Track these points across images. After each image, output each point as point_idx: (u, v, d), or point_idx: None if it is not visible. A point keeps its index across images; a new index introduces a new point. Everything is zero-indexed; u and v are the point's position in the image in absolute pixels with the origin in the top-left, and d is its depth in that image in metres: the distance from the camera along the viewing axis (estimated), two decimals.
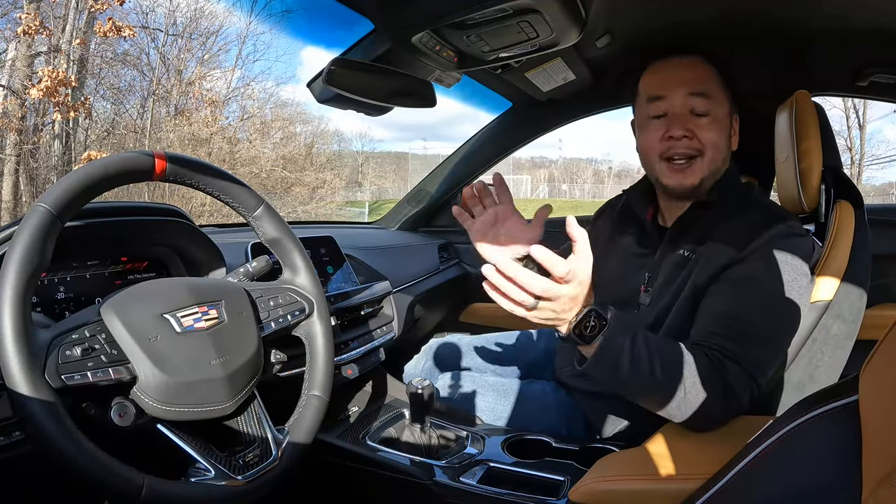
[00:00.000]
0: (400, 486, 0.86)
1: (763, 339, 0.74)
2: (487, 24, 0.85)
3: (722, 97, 0.86)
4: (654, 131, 0.86)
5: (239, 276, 0.77)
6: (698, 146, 0.84)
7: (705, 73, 0.86)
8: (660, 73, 0.89)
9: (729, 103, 0.87)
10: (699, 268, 0.80)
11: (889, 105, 9.67)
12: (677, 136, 0.84)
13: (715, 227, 0.82)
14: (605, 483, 0.70)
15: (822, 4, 0.90)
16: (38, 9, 7.63)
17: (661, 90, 0.86)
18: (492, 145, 1.67)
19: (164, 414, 0.57)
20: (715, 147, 0.84)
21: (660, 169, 0.87)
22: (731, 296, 0.76)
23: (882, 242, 1.28)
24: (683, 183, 0.85)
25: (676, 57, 0.88)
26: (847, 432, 0.47)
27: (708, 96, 0.84)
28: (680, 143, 0.84)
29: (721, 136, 0.85)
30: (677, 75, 0.86)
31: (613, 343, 0.67)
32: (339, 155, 15.44)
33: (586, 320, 0.66)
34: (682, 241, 0.86)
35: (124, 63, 9.54)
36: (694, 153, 0.84)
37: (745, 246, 0.77)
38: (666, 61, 0.89)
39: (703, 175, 0.84)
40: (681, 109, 0.85)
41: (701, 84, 0.84)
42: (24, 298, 0.50)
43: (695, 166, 0.84)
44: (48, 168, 8.43)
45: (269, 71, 17.72)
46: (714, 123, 0.84)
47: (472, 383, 1.07)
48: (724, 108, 0.86)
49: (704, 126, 0.84)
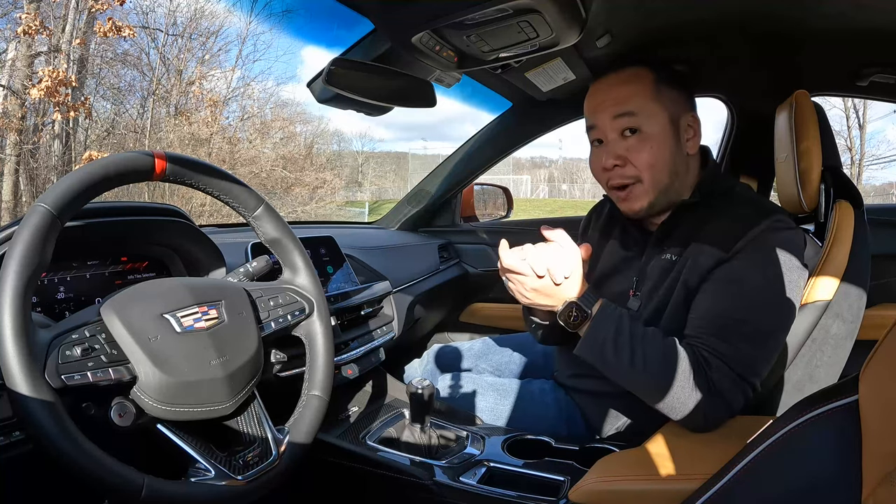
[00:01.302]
0: (400, 486, 0.86)
1: (752, 338, 0.74)
2: (487, 24, 0.85)
3: (654, 108, 0.82)
4: (595, 159, 0.88)
5: (239, 276, 0.77)
6: (633, 173, 0.83)
7: (633, 86, 0.83)
8: (591, 97, 0.89)
9: (668, 110, 0.83)
10: (687, 270, 0.80)
11: (889, 105, 9.67)
12: (609, 167, 0.85)
13: (699, 229, 0.81)
14: (605, 483, 0.70)
15: (822, 4, 0.90)
16: (38, 9, 7.62)
17: (591, 117, 0.87)
18: (492, 145, 1.67)
19: (164, 414, 0.57)
20: (651, 168, 0.82)
21: (611, 195, 0.89)
22: (719, 295, 0.76)
23: (882, 242, 1.28)
24: (632, 208, 0.86)
25: (610, 74, 0.87)
26: (847, 432, 0.47)
27: (634, 114, 0.82)
28: (613, 172, 0.85)
29: (659, 153, 0.82)
30: (602, 98, 0.86)
31: (597, 333, 0.75)
32: (339, 155, 15.46)
33: (569, 310, 0.76)
34: (667, 244, 0.85)
35: (124, 63, 9.55)
36: (629, 181, 0.84)
37: (731, 245, 0.77)
38: (598, 82, 0.88)
39: (649, 199, 0.84)
40: (611, 135, 0.84)
41: (624, 103, 0.83)
42: (24, 298, 0.50)
43: (635, 192, 0.84)
44: (48, 168, 8.43)
45: (270, 71, 17.75)
46: (646, 142, 0.82)
47: (472, 383, 1.07)
48: (660, 120, 0.82)
49: (635, 147, 0.82)
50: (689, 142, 0.85)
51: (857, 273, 0.81)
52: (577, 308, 0.75)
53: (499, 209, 1.99)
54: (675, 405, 0.72)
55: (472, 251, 1.79)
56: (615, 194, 0.87)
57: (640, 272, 0.88)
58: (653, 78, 0.84)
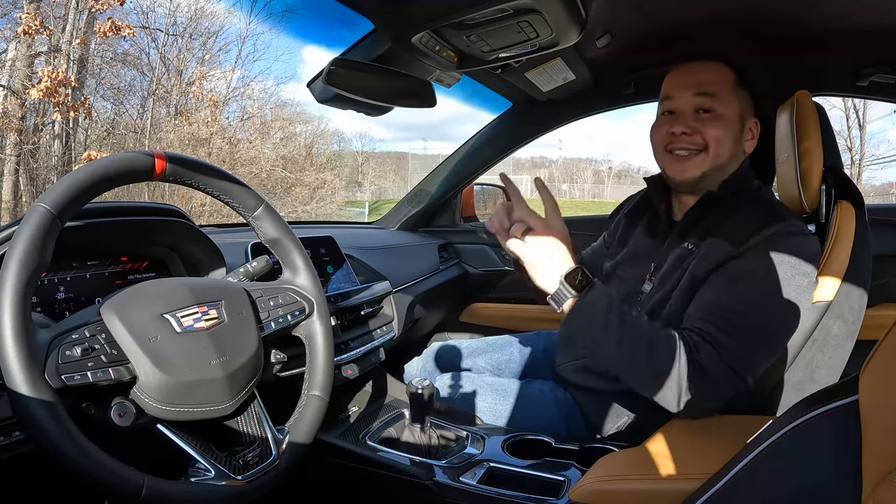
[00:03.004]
0: (400, 486, 0.86)
1: (749, 332, 0.74)
2: (487, 24, 0.85)
3: (732, 98, 0.87)
4: (661, 126, 0.91)
5: (239, 276, 0.77)
6: (699, 141, 0.87)
7: (718, 75, 0.88)
8: (674, 75, 0.93)
9: (741, 106, 0.88)
10: (698, 260, 0.82)
11: (889, 105, 9.67)
12: (677, 133, 0.88)
13: (719, 223, 0.83)
14: (606, 483, 0.70)
15: (822, 4, 0.90)
16: (38, 9, 7.62)
17: (670, 90, 0.91)
18: (492, 145, 1.67)
19: (164, 414, 0.57)
20: (718, 142, 0.86)
21: (663, 160, 0.92)
22: (723, 288, 0.78)
23: (882, 242, 1.28)
24: (684, 174, 0.89)
25: (697, 61, 0.91)
26: (847, 432, 0.47)
27: (714, 96, 0.87)
28: (680, 138, 0.88)
29: (726, 134, 0.87)
30: (688, 77, 0.90)
31: (593, 302, 0.75)
32: (339, 155, 15.49)
33: (575, 273, 0.76)
34: (689, 235, 0.87)
35: (124, 63, 9.56)
36: (695, 147, 0.87)
37: (743, 242, 0.78)
38: (685, 65, 0.92)
39: (705, 169, 0.87)
40: (686, 108, 0.89)
41: (707, 85, 0.87)
42: (24, 298, 0.50)
43: (696, 159, 0.88)
44: (48, 168, 8.43)
45: (270, 71, 17.76)
46: (718, 121, 0.86)
47: (472, 383, 1.07)
48: (734, 110, 0.87)
49: (707, 122, 0.87)
50: (748, 142, 0.90)
51: (858, 273, 0.81)
52: (583, 273, 0.76)
53: None
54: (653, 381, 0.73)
55: (472, 251, 1.79)
56: (676, 157, 0.90)
57: (660, 258, 0.91)
58: (734, 75, 0.89)
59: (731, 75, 0.89)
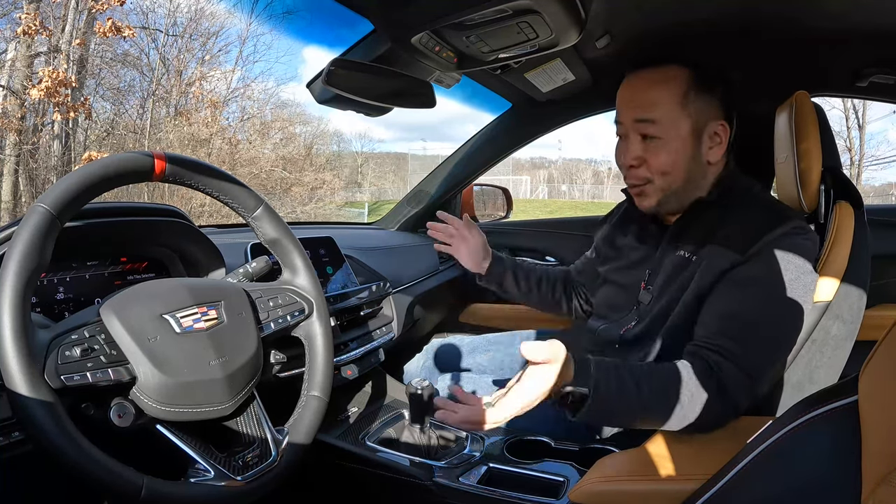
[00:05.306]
0: (400, 486, 0.86)
1: (764, 340, 0.74)
2: (487, 24, 0.85)
3: (679, 115, 0.82)
4: (617, 153, 0.91)
5: (238, 277, 0.77)
6: (645, 175, 0.86)
7: (663, 90, 0.82)
8: (622, 91, 0.89)
9: (694, 119, 0.82)
10: (702, 270, 0.80)
11: (889, 105, 9.67)
12: (626, 164, 0.88)
13: (715, 228, 0.82)
14: (605, 483, 0.70)
15: (822, 4, 0.90)
16: (38, 9, 7.62)
17: (618, 106, 0.89)
18: (491, 146, 1.67)
19: (163, 414, 0.57)
20: (663, 174, 0.84)
21: (629, 189, 0.92)
22: (733, 297, 0.76)
23: (882, 243, 1.28)
24: (642, 204, 0.89)
25: (645, 70, 0.86)
26: (846, 433, 0.47)
27: (655, 122, 0.82)
28: (630, 171, 0.88)
29: (676, 157, 0.83)
30: (629, 97, 0.87)
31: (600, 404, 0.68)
32: (339, 155, 15.48)
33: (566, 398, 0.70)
34: (683, 241, 0.86)
35: (124, 63, 9.56)
36: (642, 182, 0.87)
37: (747, 248, 0.77)
38: (631, 76, 0.88)
39: (659, 197, 0.86)
40: (632, 135, 0.86)
41: (648, 109, 0.83)
42: (24, 298, 0.50)
43: (647, 190, 0.87)
44: (48, 168, 8.43)
45: (270, 71, 17.71)
46: (664, 148, 0.83)
47: (472, 384, 1.07)
48: (683, 128, 0.82)
49: (653, 151, 0.84)
50: (712, 150, 0.85)
51: (858, 274, 0.81)
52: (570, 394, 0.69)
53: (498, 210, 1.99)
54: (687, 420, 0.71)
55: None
56: (630, 188, 0.91)
57: (654, 266, 0.90)
58: (687, 81, 0.83)
59: (682, 84, 0.82)
